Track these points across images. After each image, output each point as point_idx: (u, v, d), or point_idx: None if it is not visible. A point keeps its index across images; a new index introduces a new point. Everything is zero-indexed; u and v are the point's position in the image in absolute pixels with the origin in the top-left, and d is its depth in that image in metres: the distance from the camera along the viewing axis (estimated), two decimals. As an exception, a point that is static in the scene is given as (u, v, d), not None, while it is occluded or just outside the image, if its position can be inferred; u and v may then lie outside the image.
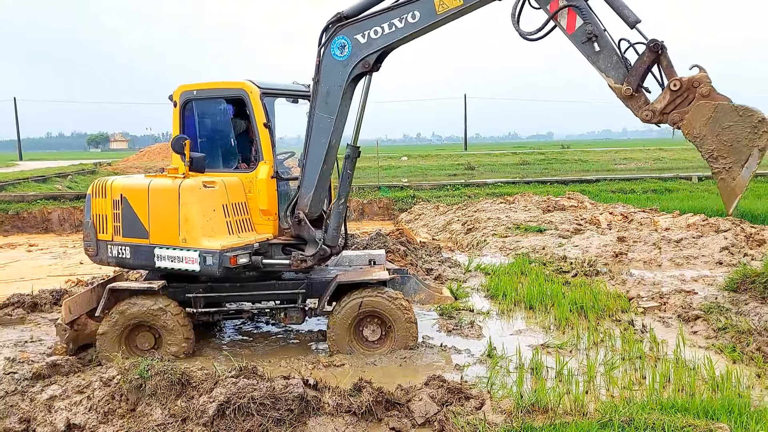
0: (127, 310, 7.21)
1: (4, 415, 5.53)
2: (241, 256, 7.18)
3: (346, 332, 7.34)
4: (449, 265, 11.98)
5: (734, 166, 5.78)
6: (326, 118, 7.23)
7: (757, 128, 5.63)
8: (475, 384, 6.15)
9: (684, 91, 5.89)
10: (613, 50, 6.13)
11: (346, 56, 7.02)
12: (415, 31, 6.77)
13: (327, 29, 7.13)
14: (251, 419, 5.11)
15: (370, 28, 6.92)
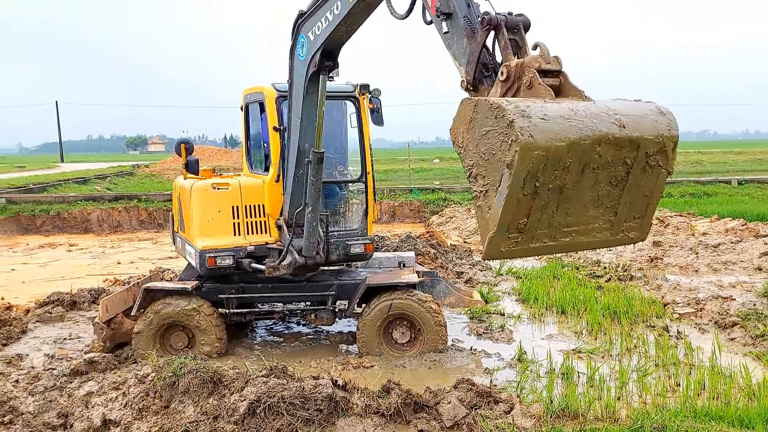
0: (161, 309, 7.34)
1: (43, 410, 5.68)
2: (223, 257, 7.31)
3: (375, 334, 7.37)
4: (480, 268, 11.94)
5: (491, 189, 4.14)
6: (296, 121, 7.08)
7: (507, 136, 3.95)
8: (504, 388, 6.13)
9: (513, 82, 4.42)
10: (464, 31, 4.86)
11: (304, 55, 6.84)
12: (339, 23, 6.17)
13: (294, 28, 6.94)
14: (281, 418, 5.17)
15: (315, 23, 6.60)
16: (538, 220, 4.21)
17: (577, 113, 4.11)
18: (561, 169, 4.06)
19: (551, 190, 4.11)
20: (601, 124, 4.11)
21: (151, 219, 21.03)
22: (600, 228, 4.49)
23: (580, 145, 4.03)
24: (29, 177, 31.77)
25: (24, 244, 18.08)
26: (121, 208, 21.12)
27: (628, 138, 4.18)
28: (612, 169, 4.26)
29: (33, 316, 9.05)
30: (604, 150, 4.13)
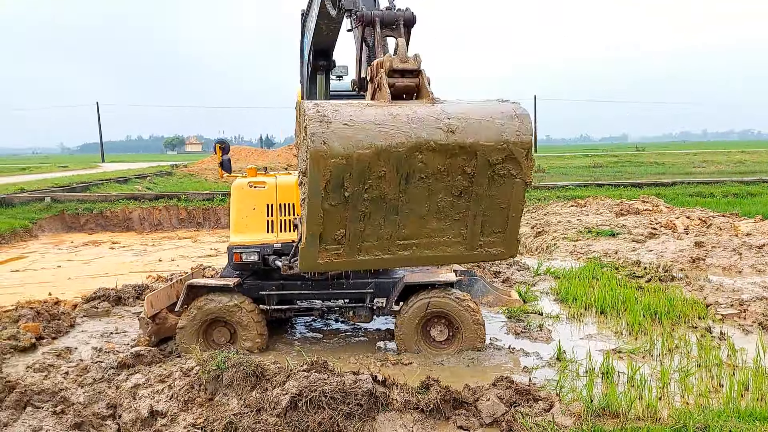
0: (204, 305, 7.50)
1: (93, 401, 5.87)
2: (249, 254, 7.52)
3: (413, 332, 7.42)
4: (518, 268, 11.90)
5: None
6: None
7: (304, 141, 3.73)
8: (543, 386, 6.12)
9: (374, 83, 4.24)
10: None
11: (306, 55, 6.95)
12: (318, 21, 6.00)
13: (301, 28, 6.99)
14: (322, 412, 5.25)
15: (309, 23, 6.56)
16: (361, 231, 3.98)
17: (396, 118, 3.78)
18: (375, 178, 3.79)
19: (370, 201, 3.86)
20: (422, 129, 3.79)
21: (191, 218, 21.39)
22: (450, 242, 4.16)
23: (392, 153, 3.73)
24: (72, 176, 32.61)
25: (69, 241, 18.56)
26: (162, 207, 21.53)
27: (458, 144, 3.81)
28: (449, 179, 3.91)
29: (80, 311, 9.31)
30: (428, 158, 3.81)
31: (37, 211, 20.79)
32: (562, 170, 35.87)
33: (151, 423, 5.54)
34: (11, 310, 8.97)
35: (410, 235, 4.07)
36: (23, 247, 17.53)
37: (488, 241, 4.20)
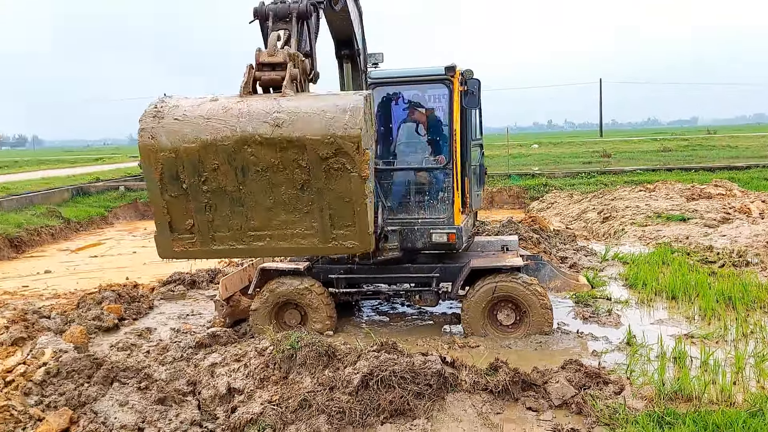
0: (276, 288, 7.74)
1: (174, 378, 6.16)
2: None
3: (480, 316, 7.48)
4: (585, 253, 11.78)
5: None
6: None
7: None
8: (613, 370, 6.10)
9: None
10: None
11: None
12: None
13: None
14: (392, 391, 5.38)
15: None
16: (210, 222, 4.07)
17: (228, 112, 3.84)
18: (210, 170, 3.87)
19: (211, 192, 3.94)
20: (248, 123, 3.80)
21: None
22: (304, 234, 4.17)
23: (219, 146, 3.79)
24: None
25: (142, 228, 19.29)
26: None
27: (285, 138, 3.81)
28: (287, 172, 3.90)
29: (158, 294, 9.74)
30: (258, 151, 3.83)
31: (112, 199, 21.69)
32: (629, 155, 34.99)
33: (229, 399, 5.78)
34: (95, 292, 9.45)
35: (261, 226, 4.12)
36: (100, 234, 18.34)
37: (341, 234, 4.19)
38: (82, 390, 5.90)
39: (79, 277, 12.30)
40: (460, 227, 7.70)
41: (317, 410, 5.32)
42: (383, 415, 5.27)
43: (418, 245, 7.74)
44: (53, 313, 8.57)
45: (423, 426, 5.17)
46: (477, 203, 8.56)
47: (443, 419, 5.27)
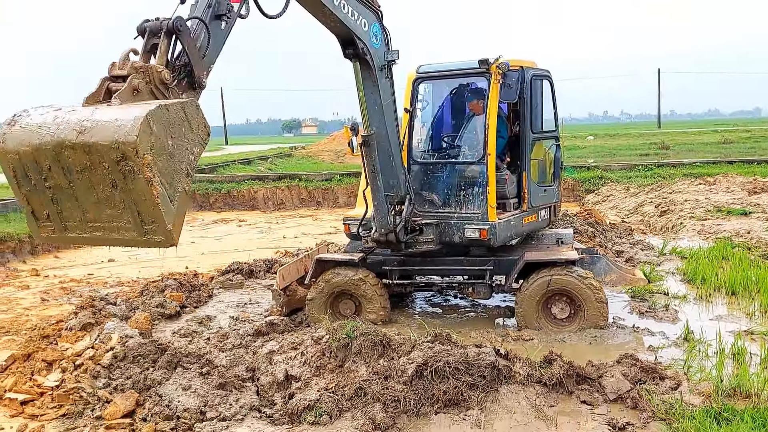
0: (331, 279, 7.89)
1: (233, 364, 6.36)
2: (352, 225, 8.13)
3: (534, 309, 7.47)
4: (641, 247, 11.60)
5: None
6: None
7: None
8: (670, 365, 6.04)
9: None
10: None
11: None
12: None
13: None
14: (446, 382, 5.46)
15: None
16: (59, 213, 4.66)
17: (56, 119, 4.41)
18: (46, 170, 4.47)
19: (52, 188, 4.54)
20: (63, 130, 4.33)
21: (311, 197, 22.21)
22: (126, 228, 4.53)
23: (44, 150, 4.38)
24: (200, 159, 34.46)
25: (200, 219, 19.81)
26: (284, 187, 22.49)
27: (84, 144, 4.25)
28: (97, 173, 4.32)
29: (216, 283, 10.03)
30: (72, 154, 4.32)
31: (171, 191, 22.28)
32: (688, 146, 34.05)
33: (287, 386, 5.95)
34: (158, 280, 9.80)
35: (95, 219, 4.63)
36: (160, 225, 18.88)
37: (150, 229, 4.51)
38: (147, 374, 6.17)
39: (141, 266, 12.73)
40: (494, 224, 7.54)
41: (372, 398, 5.44)
42: (437, 405, 5.37)
43: (455, 239, 7.75)
44: (118, 300, 8.94)
45: (477, 416, 5.24)
46: (544, 198, 8.41)
47: (497, 410, 5.33)
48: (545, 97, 8.32)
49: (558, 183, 8.71)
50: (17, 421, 5.79)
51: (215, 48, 5.38)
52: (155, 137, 4.32)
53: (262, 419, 5.62)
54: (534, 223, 8.34)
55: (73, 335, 7.38)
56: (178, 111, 4.60)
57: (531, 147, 8.00)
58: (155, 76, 4.85)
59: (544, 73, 8.31)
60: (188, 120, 4.64)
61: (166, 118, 4.48)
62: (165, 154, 4.42)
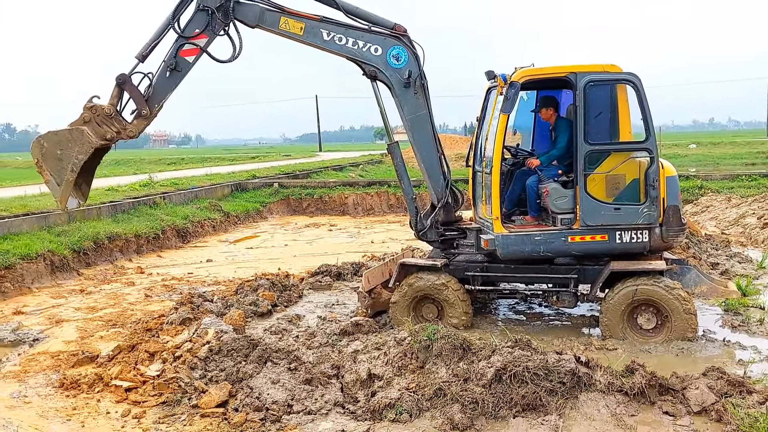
0: (414, 283, 8.07)
1: (320, 361, 6.67)
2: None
3: (619, 319, 7.38)
4: (739, 260, 11.16)
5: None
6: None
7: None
8: (760, 380, 5.86)
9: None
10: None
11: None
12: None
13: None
14: (525, 386, 5.53)
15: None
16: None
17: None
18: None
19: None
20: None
21: (399, 203, 22.44)
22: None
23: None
24: (295, 165, 35.53)
25: (293, 223, 20.48)
26: (373, 193, 22.89)
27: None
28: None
29: (306, 284, 10.43)
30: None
31: (267, 195, 23.13)
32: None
33: (369, 384, 6.17)
34: (251, 280, 10.30)
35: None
36: (255, 228, 19.69)
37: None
38: (239, 367, 6.55)
39: (237, 266, 13.37)
40: (497, 235, 7.63)
41: (451, 399, 5.59)
42: (515, 409, 5.45)
43: (480, 245, 8.03)
44: (215, 297, 9.46)
45: (555, 422, 5.29)
46: (612, 218, 7.47)
47: (575, 417, 5.35)
48: (619, 104, 7.66)
49: (653, 203, 7.42)
50: (121, 407, 6.29)
51: (165, 89, 7.74)
52: (45, 149, 7.39)
53: (345, 415, 5.87)
54: (596, 244, 7.56)
55: (174, 329, 7.89)
56: (65, 134, 7.46)
57: (585, 159, 7.46)
58: (100, 111, 7.55)
59: (618, 77, 7.54)
60: (74, 139, 7.42)
61: (55, 138, 7.42)
62: (55, 159, 7.42)
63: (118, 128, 7.60)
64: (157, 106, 7.65)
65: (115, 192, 19.08)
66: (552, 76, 7.79)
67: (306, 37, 7.76)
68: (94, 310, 10.09)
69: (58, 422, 6.04)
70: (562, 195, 7.72)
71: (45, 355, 7.90)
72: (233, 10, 7.67)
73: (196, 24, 7.65)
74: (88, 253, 13.53)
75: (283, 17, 7.73)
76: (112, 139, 7.64)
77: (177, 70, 7.63)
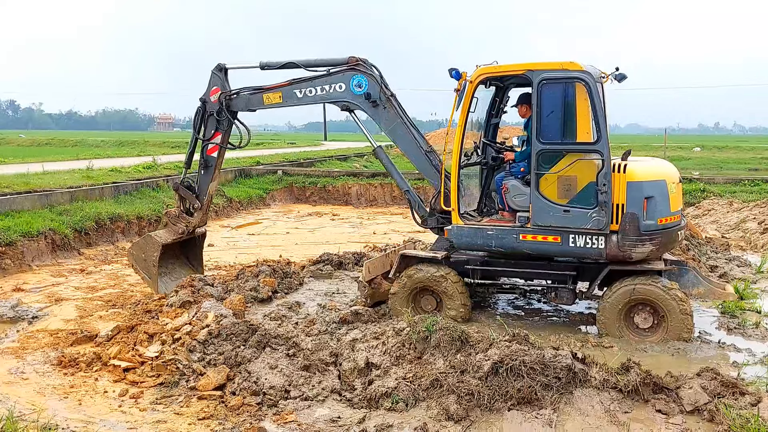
0: (414, 274, 8.12)
1: (318, 348, 6.72)
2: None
3: (616, 317, 7.42)
4: (738, 264, 11.20)
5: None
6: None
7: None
8: (753, 382, 5.92)
9: None
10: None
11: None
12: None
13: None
14: (521, 380, 5.59)
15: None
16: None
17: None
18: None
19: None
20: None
21: (402, 196, 22.31)
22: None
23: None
24: (299, 153, 35.53)
25: (296, 211, 20.53)
26: (377, 184, 22.92)
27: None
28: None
29: (307, 272, 10.48)
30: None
31: (270, 182, 23.16)
32: (803, 162, 32.15)
33: (367, 373, 6.23)
34: (252, 266, 10.35)
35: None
36: (258, 214, 19.74)
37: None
38: (238, 351, 6.61)
39: (238, 252, 13.43)
40: (453, 226, 8.02)
41: (447, 390, 5.65)
42: (510, 402, 5.51)
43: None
44: (215, 282, 9.51)
45: (549, 416, 5.35)
46: (561, 221, 7.39)
47: (569, 412, 5.41)
48: (577, 104, 7.32)
49: (602, 209, 7.17)
50: (119, 386, 6.35)
51: (205, 182, 9.64)
52: (135, 255, 9.54)
53: (341, 402, 5.94)
54: (549, 245, 7.50)
55: (173, 311, 7.94)
56: (142, 242, 9.70)
57: (538, 158, 7.40)
58: (171, 215, 9.67)
59: (570, 76, 7.27)
60: (147, 244, 9.44)
61: (137, 246, 9.64)
62: (141, 261, 9.42)
63: (185, 223, 9.58)
64: (206, 197, 9.58)
65: (118, 173, 19.10)
66: (510, 74, 8.02)
67: (286, 102, 9.01)
68: (94, 290, 10.16)
69: (56, 399, 6.11)
70: (520, 192, 7.82)
71: (44, 332, 7.96)
72: (227, 107, 9.23)
73: (210, 127, 9.43)
74: (90, 233, 13.57)
75: (264, 95, 9.09)
76: (184, 233, 9.58)
77: (209, 166, 9.55)
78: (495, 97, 8.80)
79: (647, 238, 7.17)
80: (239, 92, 9.19)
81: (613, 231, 7.21)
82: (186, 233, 9.62)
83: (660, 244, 7.27)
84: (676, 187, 7.52)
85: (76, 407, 5.95)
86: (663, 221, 7.24)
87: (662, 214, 7.24)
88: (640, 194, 7.18)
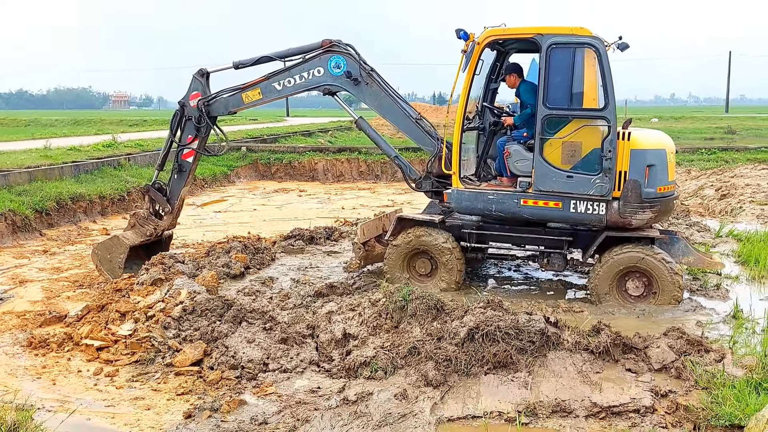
0: (422, 236, 8.14)
1: (295, 321, 6.77)
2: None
3: (607, 283, 7.54)
4: (697, 229, 11.55)
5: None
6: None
7: None
8: (716, 340, 6.17)
9: None
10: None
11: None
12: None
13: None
14: (497, 345, 5.72)
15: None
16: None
17: None
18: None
19: None
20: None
21: (370, 170, 22.50)
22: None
23: None
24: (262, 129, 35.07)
25: (261, 188, 20.41)
26: (344, 159, 22.87)
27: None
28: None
29: (279, 248, 10.47)
30: None
31: (234, 159, 22.89)
32: (755, 132, 33.02)
33: (344, 343, 6.31)
34: (223, 242, 10.31)
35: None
36: (223, 192, 19.57)
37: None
38: (214, 326, 6.62)
39: (205, 229, 13.32)
40: (453, 190, 8.04)
41: (425, 357, 5.76)
42: (487, 366, 5.64)
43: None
44: (186, 259, 9.45)
45: (524, 378, 5.50)
46: (565, 186, 7.46)
47: (544, 374, 5.57)
48: (585, 70, 7.32)
49: (606, 175, 7.29)
50: (93, 365, 6.31)
51: (177, 187, 9.51)
52: (100, 256, 9.10)
53: (320, 372, 6.01)
54: (550, 210, 7.59)
55: (144, 289, 7.87)
56: (108, 242, 9.25)
57: (543, 123, 7.44)
58: (139, 216, 9.41)
59: (580, 41, 7.28)
60: (114, 245, 9.16)
61: (103, 247, 9.18)
62: (107, 262, 9.08)
63: (154, 225, 9.41)
64: (177, 201, 9.48)
65: (77, 152, 18.67)
66: (518, 37, 7.90)
67: (266, 97, 8.93)
68: (59, 271, 10.00)
69: (28, 380, 6.05)
70: (522, 158, 7.83)
71: (10, 314, 7.83)
72: (207, 112, 9.10)
73: (187, 132, 9.30)
74: (51, 214, 13.29)
75: (243, 94, 8.98)
76: (152, 235, 9.43)
77: (182, 171, 9.44)
78: (496, 61, 8.68)
79: (648, 206, 7.32)
80: (217, 96, 9.09)
81: (614, 197, 7.34)
82: (154, 236, 9.47)
83: (659, 212, 7.46)
84: (673, 156, 7.70)
85: (51, 387, 5.91)
86: (662, 189, 7.40)
87: (661, 183, 7.39)
88: (643, 162, 7.30)
